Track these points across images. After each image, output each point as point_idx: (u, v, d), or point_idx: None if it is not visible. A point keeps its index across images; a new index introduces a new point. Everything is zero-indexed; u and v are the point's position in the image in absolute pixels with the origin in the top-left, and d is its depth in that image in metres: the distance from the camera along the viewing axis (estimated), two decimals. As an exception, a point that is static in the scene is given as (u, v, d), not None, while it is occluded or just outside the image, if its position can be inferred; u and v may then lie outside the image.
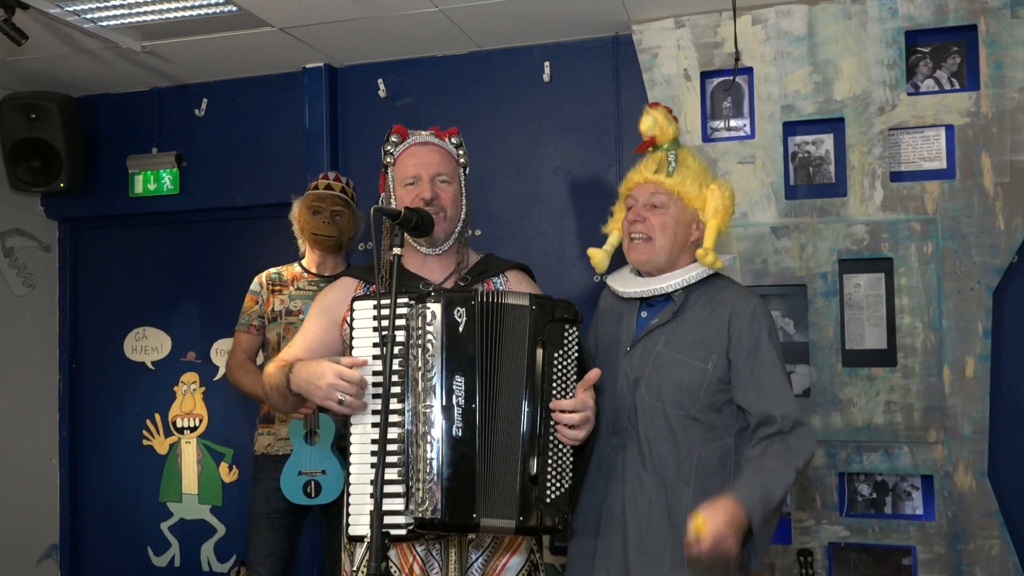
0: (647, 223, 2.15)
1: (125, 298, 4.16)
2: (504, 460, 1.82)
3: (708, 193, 2.17)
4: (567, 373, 1.90)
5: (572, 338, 1.92)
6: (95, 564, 4.18)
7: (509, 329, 1.88)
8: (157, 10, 3.11)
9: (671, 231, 2.14)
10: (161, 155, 3.96)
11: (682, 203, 2.16)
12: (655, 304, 2.18)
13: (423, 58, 3.64)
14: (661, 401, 2.06)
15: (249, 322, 3.06)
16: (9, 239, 4.07)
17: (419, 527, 1.78)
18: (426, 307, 1.85)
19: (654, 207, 2.16)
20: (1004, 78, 2.89)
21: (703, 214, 2.17)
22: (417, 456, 1.79)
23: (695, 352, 2.07)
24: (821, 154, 3.14)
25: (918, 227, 2.94)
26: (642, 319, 2.19)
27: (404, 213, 1.89)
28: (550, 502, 1.81)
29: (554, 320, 1.90)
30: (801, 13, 3.07)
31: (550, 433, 1.85)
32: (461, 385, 1.83)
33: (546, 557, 3.27)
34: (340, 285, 2.13)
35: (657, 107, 2.28)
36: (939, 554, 2.89)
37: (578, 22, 3.30)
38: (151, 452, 4.09)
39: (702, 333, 2.09)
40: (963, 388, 2.89)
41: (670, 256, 2.15)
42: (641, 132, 2.27)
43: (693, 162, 2.23)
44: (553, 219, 3.49)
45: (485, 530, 1.81)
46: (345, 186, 3.16)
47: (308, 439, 2.90)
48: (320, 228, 3.04)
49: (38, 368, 4.17)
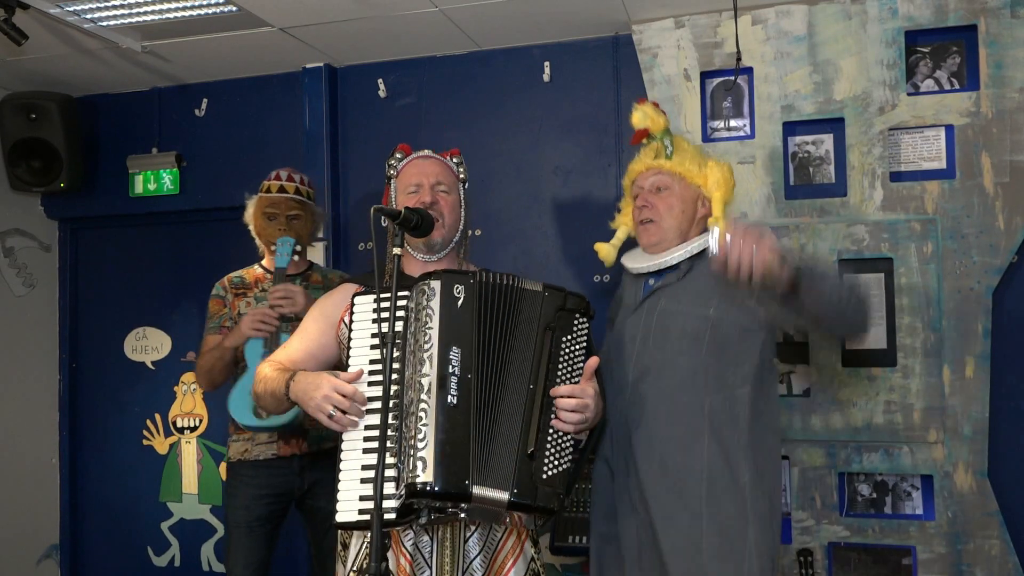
0: (654, 208, 2.27)
1: (125, 298, 4.16)
2: (502, 434, 1.81)
3: (707, 171, 2.30)
4: (573, 361, 1.90)
5: (581, 329, 1.93)
6: (95, 564, 4.18)
7: (521, 312, 1.90)
8: (157, 10, 3.11)
9: (677, 210, 2.26)
10: (161, 155, 3.96)
11: (685, 182, 2.29)
12: (662, 274, 2.28)
13: (423, 58, 3.65)
14: (666, 352, 2.14)
15: (220, 324, 2.94)
16: (9, 239, 4.08)
17: (409, 495, 1.73)
18: (427, 284, 1.88)
19: (659, 190, 2.29)
20: (1004, 78, 2.89)
21: (706, 190, 2.29)
22: (410, 426, 1.78)
23: (695, 300, 2.16)
24: (821, 154, 3.14)
25: (918, 227, 2.94)
26: (648, 285, 2.29)
27: (404, 213, 1.90)
28: (546, 478, 1.79)
29: (566, 309, 1.93)
30: (801, 13, 3.07)
31: (551, 414, 1.84)
32: (457, 355, 1.82)
33: (546, 557, 3.27)
34: (340, 290, 2.16)
35: (644, 102, 2.42)
36: (939, 554, 2.89)
37: (578, 22, 3.30)
38: (151, 452, 4.09)
39: (702, 284, 2.17)
40: (963, 388, 2.89)
41: (679, 233, 2.26)
42: (633, 125, 2.41)
43: (688, 145, 2.37)
44: (553, 219, 3.49)
45: (477, 500, 1.76)
46: (300, 185, 3.02)
47: (265, 351, 2.74)
48: (277, 235, 2.92)
49: (38, 368, 4.17)
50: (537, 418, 1.83)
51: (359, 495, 1.79)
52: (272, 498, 2.92)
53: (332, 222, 3.66)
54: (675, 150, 2.31)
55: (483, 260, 3.53)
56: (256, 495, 2.89)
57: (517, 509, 1.80)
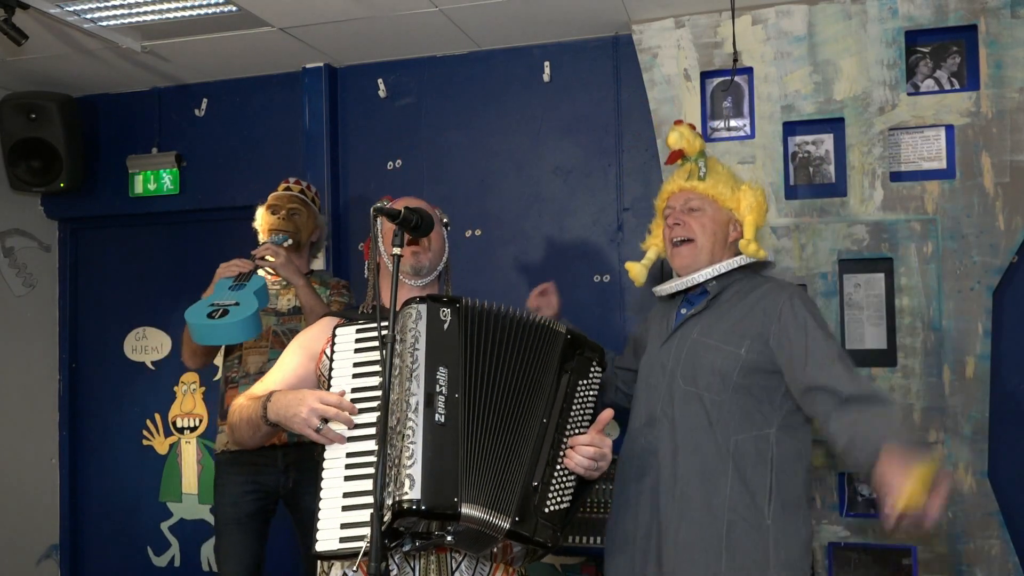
0: (687, 226, 2.26)
1: (125, 298, 4.16)
2: (498, 458, 1.79)
3: (740, 194, 2.28)
4: (585, 405, 1.90)
5: (596, 376, 1.93)
6: (95, 564, 4.18)
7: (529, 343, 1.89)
8: (157, 10, 3.11)
9: (711, 231, 2.25)
10: (161, 155, 3.96)
11: (717, 205, 2.27)
12: (694, 301, 2.27)
13: (423, 58, 3.64)
14: (696, 386, 2.11)
15: None
16: (9, 239, 4.07)
17: (396, 515, 1.66)
18: (412, 307, 1.86)
19: (692, 211, 2.27)
20: (1004, 78, 2.89)
21: (738, 213, 2.27)
22: (396, 446, 1.72)
23: (728, 338, 2.13)
24: (821, 154, 3.14)
25: (918, 227, 2.94)
26: (680, 315, 2.28)
27: (404, 212, 1.89)
28: (547, 513, 1.78)
29: (584, 356, 1.92)
30: (801, 13, 3.07)
31: (560, 452, 1.83)
32: (444, 375, 1.80)
33: (547, 557, 3.27)
34: (320, 324, 2.10)
35: (682, 123, 2.43)
36: (939, 554, 2.89)
37: (578, 22, 3.30)
38: (151, 452, 4.09)
39: (736, 320, 2.15)
40: (963, 388, 2.89)
41: (712, 257, 2.24)
42: (668, 146, 2.41)
43: (722, 168, 2.36)
44: (553, 219, 3.49)
45: (467, 520, 1.70)
46: (305, 189, 3.17)
47: (233, 285, 2.72)
48: (276, 224, 3.03)
49: (38, 368, 4.17)
50: (547, 453, 1.82)
51: (340, 522, 1.70)
52: (258, 494, 2.95)
53: (332, 222, 3.66)
54: (709, 172, 2.31)
55: (483, 260, 3.56)
56: (242, 491, 2.93)
57: (515, 538, 1.76)
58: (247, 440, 1.99)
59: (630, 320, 3.36)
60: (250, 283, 2.72)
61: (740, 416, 2.08)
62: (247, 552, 2.94)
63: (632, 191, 3.38)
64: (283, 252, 2.87)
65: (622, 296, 3.38)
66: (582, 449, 1.81)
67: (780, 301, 2.12)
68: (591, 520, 3.05)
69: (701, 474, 2.08)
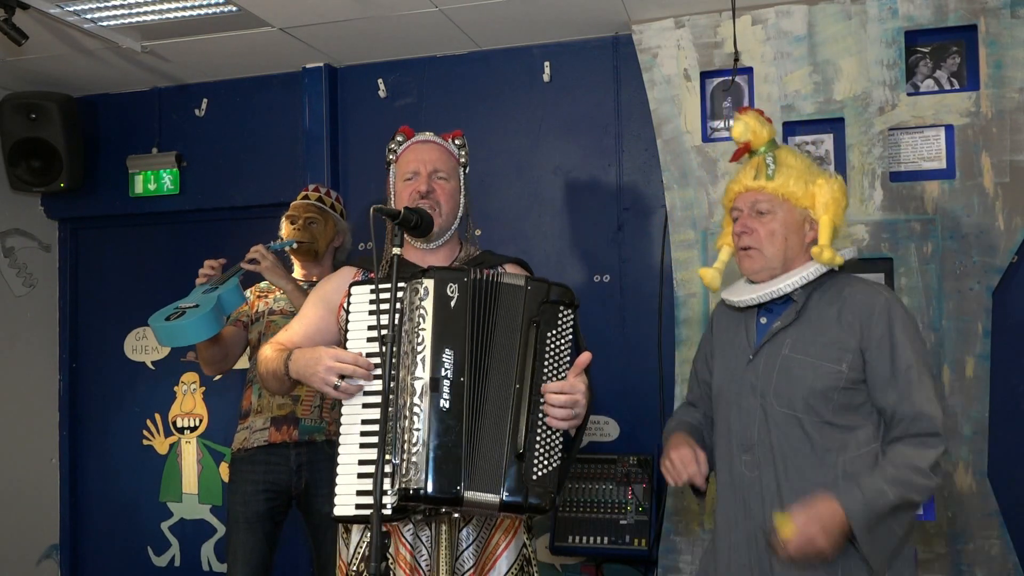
0: (755, 234, 2.02)
1: (125, 298, 4.16)
2: (491, 436, 1.82)
3: (816, 189, 2.02)
4: (560, 355, 1.88)
5: (567, 321, 1.90)
6: (95, 564, 4.18)
7: (504, 308, 1.88)
8: (157, 10, 3.11)
9: (780, 237, 2.01)
10: (161, 155, 3.96)
11: (789, 204, 2.02)
12: (774, 309, 2.05)
13: (423, 58, 3.65)
14: (793, 409, 1.94)
15: (237, 317, 3.03)
16: (9, 239, 4.08)
17: (403, 499, 1.77)
18: (420, 283, 1.87)
19: (760, 214, 2.03)
20: (1004, 78, 2.89)
21: (814, 211, 2.03)
22: (403, 428, 1.79)
23: (827, 353, 1.94)
24: (821, 154, 3.14)
25: (918, 227, 2.94)
26: (762, 325, 2.06)
27: (404, 213, 1.91)
28: (536, 479, 1.79)
29: (549, 302, 1.89)
30: (801, 13, 3.07)
31: (539, 413, 1.83)
32: (450, 358, 1.83)
33: (546, 557, 3.27)
34: (339, 274, 2.16)
35: (747, 111, 2.14)
36: (939, 554, 2.89)
37: (578, 22, 3.30)
38: (151, 452, 4.09)
39: (832, 333, 1.95)
40: (963, 388, 2.89)
41: (784, 261, 2.02)
42: (734, 139, 2.13)
43: (795, 160, 2.07)
44: (553, 219, 3.49)
45: (468, 504, 1.79)
46: (324, 196, 3.15)
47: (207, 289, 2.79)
48: (293, 235, 3.04)
49: (38, 368, 4.17)
50: (525, 418, 1.83)
51: (356, 490, 1.82)
52: (269, 493, 2.95)
53: (332, 222, 3.66)
54: (778, 167, 2.03)
55: (483, 260, 3.55)
56: (253, 490, 2.93)
57: (508, 510, 1.81)
58: (276, 389, 2.09)
59: (630, 320, 3.36)
60: (223, 286, 2.79)
61: (845, 435, 1.93)
62: (254, 553, 2.93)
63: (632, 191, 3.38)
64: (270, 256, 2.87)
65: (622, 296, 3.38)
66: (553, 398, 1.82)
67: (874, 308, 1.96)
68: (591, 520, 3.05)
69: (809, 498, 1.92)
